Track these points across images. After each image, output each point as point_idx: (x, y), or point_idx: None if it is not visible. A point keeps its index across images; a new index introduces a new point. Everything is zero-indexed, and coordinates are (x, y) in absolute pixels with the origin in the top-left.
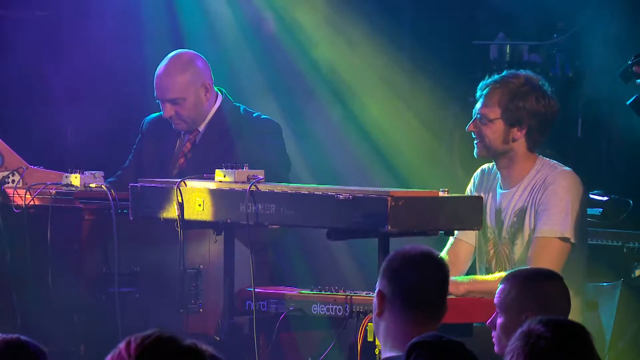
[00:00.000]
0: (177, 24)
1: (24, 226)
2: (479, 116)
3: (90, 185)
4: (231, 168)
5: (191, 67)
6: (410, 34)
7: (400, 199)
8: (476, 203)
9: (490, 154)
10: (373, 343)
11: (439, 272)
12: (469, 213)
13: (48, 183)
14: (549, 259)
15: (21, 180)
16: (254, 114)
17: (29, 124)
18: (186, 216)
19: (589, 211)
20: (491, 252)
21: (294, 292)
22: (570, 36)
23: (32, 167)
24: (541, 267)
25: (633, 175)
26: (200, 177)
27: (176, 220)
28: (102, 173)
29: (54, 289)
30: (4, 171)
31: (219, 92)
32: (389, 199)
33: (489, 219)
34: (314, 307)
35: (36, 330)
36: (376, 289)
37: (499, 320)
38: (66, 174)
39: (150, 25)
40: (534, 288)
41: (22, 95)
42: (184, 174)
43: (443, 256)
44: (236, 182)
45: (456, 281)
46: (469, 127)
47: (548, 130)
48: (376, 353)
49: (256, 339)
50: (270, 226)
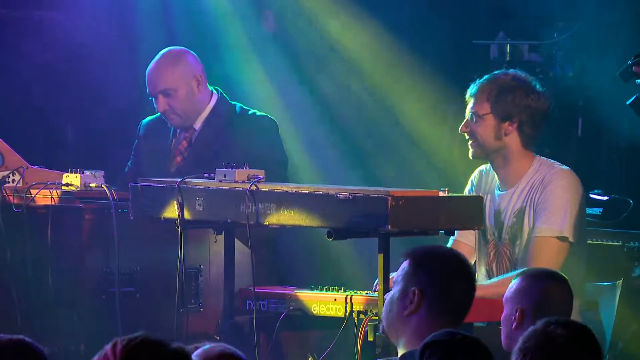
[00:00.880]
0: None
1: (24, 226)
2: (470, 115)
3: (90, 185)
4: (231, 167)
5: (182, 59)
6: (411, 33)
7: (401, 199)
8: (476, 202)
9: (485, 153)
10: (373, 343)
11: (474, 279)
12: (469, 213)
13: (48, 183)
14: (547, 258)
15: (21, 180)
16: (250, 112)
17: (29, 124)
18: (186, 216)
19: (590, 211)
20: (492, 254)
21: (294, 292)
22: (570, 36)
23: (32, 166)
24: (548, 269)
25: (633, 174)
26: (200, 177)
27: (176, 220)
28: (102, 173)
29: (54, 289)
30: (4, 171)
31: (214, 91)
32: (389, 198)
33: (489, 220)
34: (314, 307)
35: (36, 330)
36: (410, 286)
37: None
38: (66, 174)
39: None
40: (534, 285)
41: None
42: (181, 172)
43: None
44: (236, 182)
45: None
46: (461, 128)
47: (541, 126)
48: (376, 353)
49: (256, 339)
50: (270, 226)
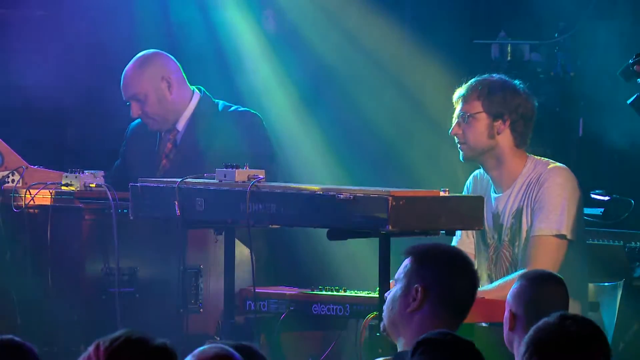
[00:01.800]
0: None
1: (24, 226)
2: (461, 115)
3: (90, 185)
4: (231, 167)
5: (149, 63)
6: (411, 32)
7: (401, 199)
8: (477, 203)
9: (477, 154)
10: (373, 343)
11: (476, 276)
12: (470, 213)
13: (48, 183)
14: (546, 258)
15: (21, 180)
16: (231, 108)
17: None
18: (186, 216)
19: (591, 211)
20: (492, 257)
21: (294, 292)
22: (571, 35)
23: (32, 166)
24: (544, 270)
25: (634, 174)
26: (200, 177)
27: (176, 220)
28: (102, 173)
29: (54, 289)
30: (3, 171)
31: (197, 90)
32: (390, 198)
33: (487, 224)
34: (314, 307)
35: (36, 330)
36: (412, 283)
37: None
38: (66, 174)
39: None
40: (526, 289)
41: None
42: (168, 176)
43: None
44: (236, 182)
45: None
46: (452, 130)
47: (531, 124)
48: (377, 353)
49: (256, 339)
50: (270, 226)
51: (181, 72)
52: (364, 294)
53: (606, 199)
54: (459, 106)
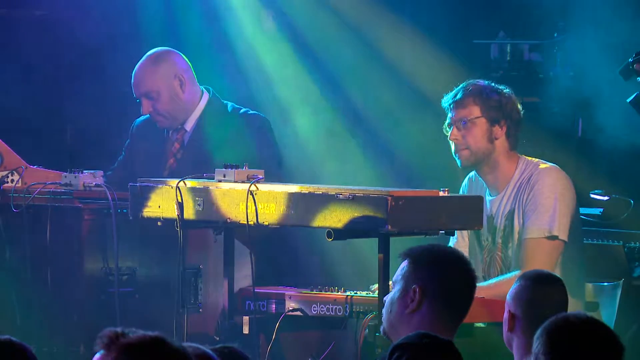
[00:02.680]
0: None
1: (23, 226)
2: (459, 120)
3: (90, 185)
4: (231, 167)
5: (163, 60)
6: (411, 32)
7: (401, 199)
8: (477, 203)
9: (477, 160)
10: (373, 343)
11: (474, 274)
12: (469, 213)
13: (47, 183)
14: (540, 260)
15: (20, 180)
16: (241, 110)
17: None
18: (186, 216)
19: (590, 211)
20: (486, 259)
21: (294, 292)
22: (571, 35)
23: (31, 166)
24: (543, 270)
25: (634, 174)
26: (200, 177)
27: (176, 220)
28: (101, 173)
29: (54, 289)
30: (3, 171)
31: (205, 91)
32: (390, 198)
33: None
34: (314, 307)
35: (36, 330)
36: (410, 284)
37: None
38: (66, 174)
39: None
40: (524, 289)
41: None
42: (174, 175)
43: None
44: (236, 182)
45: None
46: (451, 135)
47: (521, 127)
48: (377, 353)
49: (256, 339)
50: (270, 226)
51: (192, 71)
52: (363, 294)
53: (606, 199)
54: (454, 112)
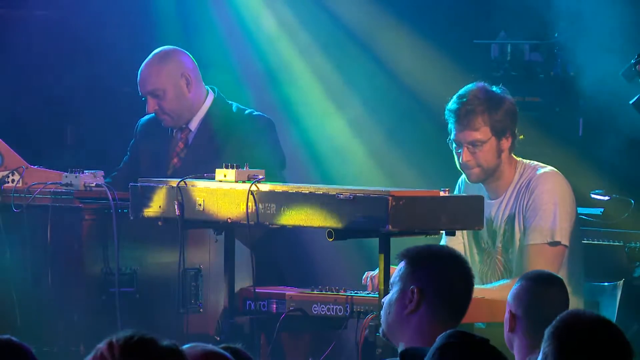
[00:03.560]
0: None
1: (23, 226)
2: (472, 143)
3: (90, 185)
4: (231, 167)
5: (170, 59)
6: (411, 32)
7: (401, 199)
8: (477, 203)
9: (486, 176)
10: (373, 343)
11: (471, 274)
12: (469, 213)
13: (48, 183)
14: (543, 265)
15: (21, 180)
16: (246, 111)
17: (29, 123)
18: (186, 216)
19: (591, 211)
20: (487, 261)
21: (294, 292)
22: (571, 35)
23: (32, 166)
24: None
25: (634, 174)
26: (200, 177)
27: (176, 220)
28: (102, 173)
29: (54, 289)
30: (3, 171)
31: (211, 90)
32: (390, 198)
33: None
34: (314, 307)
35: (36, 330)
36: (408, 285)
37: None
38: (66, 174)
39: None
40: (526, 290)
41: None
42: (178, 174)
43: None
44: (236, 182)
45: None
46: (464, 157)
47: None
48: (377, 353)
49: (256, 339)
50: (270, 226)
51: (198, 70)
52: (364, 294)
53: (606, 199)
54: (464, 133)
